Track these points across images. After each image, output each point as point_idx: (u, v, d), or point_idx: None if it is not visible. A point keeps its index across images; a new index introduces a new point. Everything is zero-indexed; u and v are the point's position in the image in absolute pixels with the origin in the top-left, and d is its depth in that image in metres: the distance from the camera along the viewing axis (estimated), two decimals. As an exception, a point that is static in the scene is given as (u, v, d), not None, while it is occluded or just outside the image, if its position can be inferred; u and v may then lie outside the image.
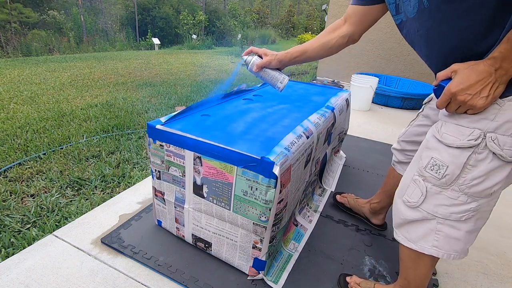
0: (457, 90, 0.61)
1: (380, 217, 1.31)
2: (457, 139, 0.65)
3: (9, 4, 12.82)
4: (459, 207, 0.68)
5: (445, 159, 0.67)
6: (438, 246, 0.73)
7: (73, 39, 12.05)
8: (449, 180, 0.68)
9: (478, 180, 0.65)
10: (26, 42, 10.45)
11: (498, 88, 0.59)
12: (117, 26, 15.75)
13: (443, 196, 0.69)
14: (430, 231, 0.73)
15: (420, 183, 0.72)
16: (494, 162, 0.63)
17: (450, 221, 0.70)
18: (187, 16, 12.91)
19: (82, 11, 13.62)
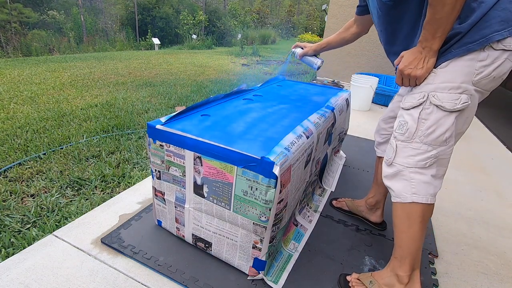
0: (403, 67, 0.87)
1: (378, 213, 1.33)
2: (411, 102, 0.88)
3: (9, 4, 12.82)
4: (422, 155, 0.87)
5: (406, 118, 0.89)
6: (416, 193, 0.88)
7: (73, 39, 12.04)
8: (410, 134, 0.88)
9: (432, 129, 0.85)
10: (26, 42, 10.44)
11: (429, 61, 0.84)
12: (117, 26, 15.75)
13: (409, 148, 0.88)
14: (406, 182, 0.89)
15: (392, 143, 0.93)
16: (439, 113, 0.84)
17: (418, 168, 0.88)
18: (187, 16, 12.91)
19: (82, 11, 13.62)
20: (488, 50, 0.78)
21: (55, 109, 2.86)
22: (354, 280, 1.01)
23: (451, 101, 0.82)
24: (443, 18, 0.77)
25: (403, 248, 0.92)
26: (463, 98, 0.82)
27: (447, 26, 0.78)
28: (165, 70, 5.43)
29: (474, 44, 0.78)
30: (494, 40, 0.76)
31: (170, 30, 15.87)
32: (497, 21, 0.76)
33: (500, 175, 2.03)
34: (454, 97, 0.82)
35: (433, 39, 0.80)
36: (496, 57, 0.78)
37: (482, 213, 1.56)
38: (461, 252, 1.26)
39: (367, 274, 1.02)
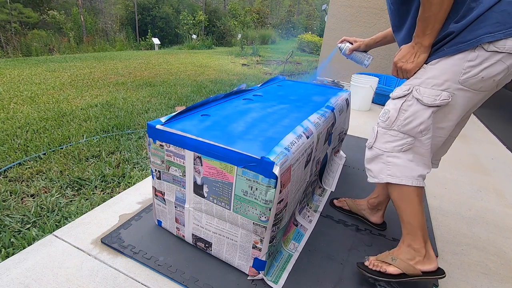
0: (396, 60, 0.95)
1: (379, 214, 1.33)
2: (398, 93, 0.95)
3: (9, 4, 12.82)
4: (399, 142, 0.95)
5: (390, 107, 0.96)
6: (391, 174, 0.96)
7: (73, 39, 12.04)
8: (390, 122, 0.95)
9: (408, 120, 0.91)
10: (26, 42, 10.44)
11: (420, 57, 0.90)
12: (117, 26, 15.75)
13: (388, 135, 0.97)
14: (383, 164, 0.98)
15: (374, 129, 1.01)
16: (418, 106, 0.90)
17: (394, 153, 0.96)
18: (187, 16, 12.90)
19: (82, 11, 13.62)
20: (478, 51, 0.80)
21: (55, 109, 2.86)
22: (374, 262, 1.04)
23: (431, 96, 0.88)
24: (431, 16, 0.82)
25: (412, 223, 0.98)
26: (443, 95, 0.86)
27: (436, 25, 0.84)
28: (165, 70, 5.43)
29: (465, 44, 0.81)
30: (485, 42, 0.78)
31: (170, 30, 15.87)
32: (492, 23, 0.77)
33: (500, 175, 2.03)
34: (435, 93, 0.87)
35: (424, 35, 0.86)
36: (485, 58, 0.80)
37: (482, 213, 1.56)
38: (461, 252, 1.26)
39: (385, 253, 1.05)
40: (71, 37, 12.22)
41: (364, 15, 4.42)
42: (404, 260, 0.99)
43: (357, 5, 4.40)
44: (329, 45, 4.85)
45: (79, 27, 13.26)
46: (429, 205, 1.59)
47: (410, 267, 0.97)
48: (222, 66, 6.33)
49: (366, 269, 1.04)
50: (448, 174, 1.97)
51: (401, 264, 0.98)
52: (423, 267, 0.97)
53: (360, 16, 4.45)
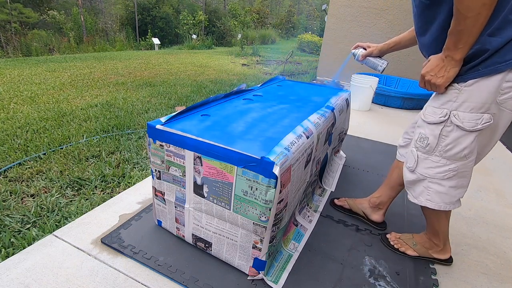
0: (424, 72, 0.90)
1: (380, 212, 1.34)
2: (433, 117, 0.92)
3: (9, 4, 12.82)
4: (441, 168, 0.93)
5: (427, 133, 0.94)
6: (430, 199, 0.99)
7: (73, 39, 12.03)
8: (430, 148, 0.94)
9: (450, 146, 0.90)
10: (26, 42, 10.44)
11: (450, 71, 0.84)
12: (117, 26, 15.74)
13: (429, 161, 0.95)
14: (424, 188, 0.99)
15: (414, 152, 0.99)
16: (459, 132, 0.87)
17: (436, 179, 0.95)
18: (187, 16, 12.89)
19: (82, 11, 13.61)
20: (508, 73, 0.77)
21: (55, 109, 2.86)
22: (396, 240, 1.20)
23: (472, 121, 0.85)
24: (465, 30, 0.76)
25: (437, 230, 1.10)
26: (485, 118, 0.83)
27: (469, 38, 0.78)
28: (165, 70, 5.43)
29: (504, 64, 0.77)
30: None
31: (170, 30, 15.86)
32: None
33: (500, 175, 2.03)
34: (476, 117, 0.84)
35: (455, 49, 0.80)
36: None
37: (482, 213, 1.56)
38: (461, 252, 1.26)
39: (408, 236, 1.20)
40: (71, 37, 12.21)
41: (364, 15, 4.42)
42: (424, 247, 1.16)
43: (357, 5, 4.41)
44: (329, 45, 4.85)
45: (79, 27, 13.25)
46: (429, 205, 1.59)
47: (426, 253, 1.16)
48: (222, 66, 6.33)
49: (387, 242, 1.22)
50: (448, 174, 1.97)
51: (421, 250, 1.16)
52: (437, 255, 1.14)
53: (360, 16, 4.45)
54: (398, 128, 2.79)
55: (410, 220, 1.43)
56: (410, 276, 1.09)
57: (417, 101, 3.48)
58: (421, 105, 3.52)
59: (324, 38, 4.89)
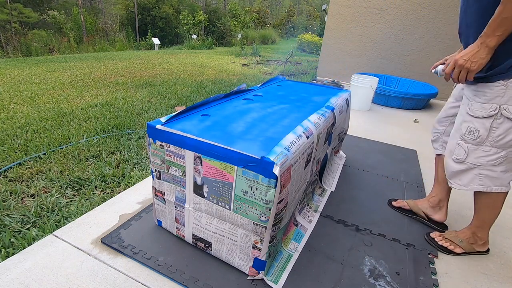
0: (458, 57, 0.95)
1: (442, 211, 1.38)
2: (482, 112, 1.00)
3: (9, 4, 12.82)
4: (493, 156, 1.02)
5: (477, 126, 1.02)
6: (483, 184, 1.07)
7: (73, 39, 12.03)
8: (481, 140, 1.02)
9: (502, 136, 0.99)
10: (26, 42, 10.44)
11: (484, 58, 0.91)
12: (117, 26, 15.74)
13: (480, 151, 1.04)
14: (475, 176, 1.07)
15: (462, 145, 1.07)
16: (509, 123, 0.97)
17: (488, 166, 1.04)
18: (187, 16, 12.89)
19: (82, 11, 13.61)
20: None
21: (55, 109, 2.86)
22: (443, 239, 1.24)
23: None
24: (509, 18, 0.82)
25: (485, 220, 1.15)
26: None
27: (510, 28, 0.85)
28: (165, 70, 5.43)
29: None
30: None
31: (170, 30, 15.86)
32: None
33: (500, 175, 2.03)
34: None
35: (493, 36, 0.87)
36: None
37: (482, 213, 1.56)
38: (461, 252, 1.26)
39: (452, 233, 1.25)
40: (71, 37, 12.21)
41: (364, 15, 4.42)
42: (469, 243, 1.20)
43: (357, 5, 4.41)
44: (329, 45, 4.85)
45: (79, 27, 13.25)
46: (429, 205, 1.58)
47: (471, 249, 1.22)
48: (222, 66, 6.33)
49: (433, 242, 1.25)
50: (448, 174, 1.97)
51: (467, 246, 1.21)
52: (479, 248, 1.22)
53: (360, 16, 4.45)
54: (398, 128, 2.78)
55: (410, 220, 1.43)
56: (410, 276, 1.09)
57: (417, 101, 3.48)
58: (421, 105, 3.54)
59: (324, 38, 4.89)
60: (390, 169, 1.95)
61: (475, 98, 1.02)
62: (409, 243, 1.27)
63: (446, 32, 3.97)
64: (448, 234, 1.25)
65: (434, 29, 4.02)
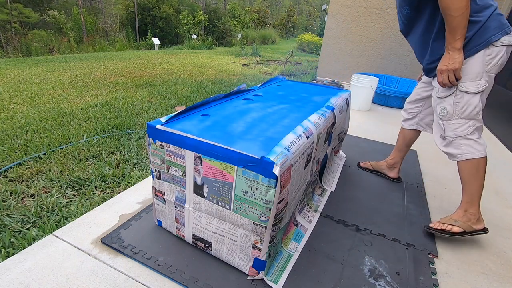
0: (441, 66, 1.20)
1: (395, 170, 1.78)
2: (445, 93, 1.25)
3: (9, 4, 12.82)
4: (463, 126, 1.24)
5: (445, 104, 1.26)
6: (467, 152, 1.25)
7: (73, 39, 12.04)
8: (450, 115, 1.25)
9: (464, 108, 1.22)
10: (26, 42, 10.44)
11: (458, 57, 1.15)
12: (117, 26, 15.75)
13: (452, 124, 1.26)
14: (457, 146, 1.27)
15: (440, 123, 1.31)
16: (467, 96, 1.20)
17: (464, 136, 1.25)
18: (187, 16, 12.89)
19: (82, 11, 13.61)
20: (492, 48, 1.14)
21: (55, 109, 2.86)
22: (441, 224, 1.31)
23: (474, 86, 1.18)
24: (457, 26, 1.10)
25: (473, 193, 1.27)
26: (482, 83, 1.18)
27: (463, 30, 1.11)
28: (165, 70, 5.43)
29: (480, 45, 1.14)
30: (493, 40, 1.13)
31: (170, 30, 15.86)
32: (491, 28, 1.13)
33: (499, 175, 2.03)
34: (476, 84, 1.18)
35: (455, 41, 1.13)
36: (498, 51, 1.14)
37: (482, 213, 1.56)
38: (461, 252, 1.26)
39: (446, 218, 1.33)
40: (71, 37, 12.21)
41: (364, 15, 4.42)
42: (464, 222, 1.28)
43: (357, 5, 4.41)
44: (329, 45, 4.85)
45: (79, 27, 13.25)
46: (429, 205, 1.59)
47: (469, 227, 1.27)
48: (222, 66, 6.33)
49: (433, 229, 1.32)
50: (448, 174, 1.97)
51: (463, 225, 1.27)
52: (476, 226, 1.28)
53: (360, 16, 4.45)
54: (398, 128, 2.78)
55: (410, 220, 1.43)
56: (410, 276, 1.10)
57: (417, 101, 3.47)
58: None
59: (324, 38, 4.89)
60: (390, 169, 1.95)
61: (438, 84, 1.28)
62: (409, 243, 1.27)
63: (446, 32, 3.96)
64: (443, 219, 1.34)
65: (434, 29, 4.01)
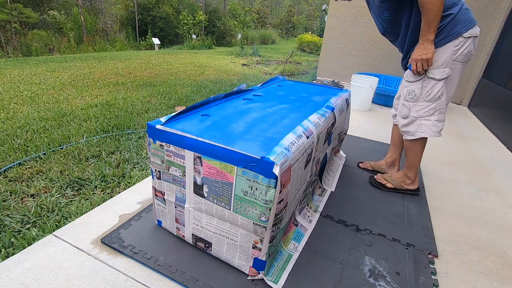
0: (415, 56, 1.35)
1: (395, 168, 1.82)
2: (414, 77, 1.43)
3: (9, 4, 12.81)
4: (426, 108, 1.43)
5: (413, 88, 1.44)
6: (424, 131, 1.47)
7: (73, 39, 12.03)
8: (417, 97, 1.44)
9: (429, 92, 1.40)
10: (26, 42, 10.44)
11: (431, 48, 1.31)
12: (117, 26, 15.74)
13: (417, 106, 1.45)
14: (417, 126, 1.48)
15: (406, 104, 1.49)
16: (432, 81, 1.38)
17: (425, 117, 1.45)
18: (187, 16, 12.89)
19: (82, 11, 13.61)
20: (460, 39, 1.30)
21: (55, 109, 2.86)
22: (380, 178, 1.69)
23: (439, 73, 1.36)
24: (433, 20, 1.25)
25: (413, 162, 1.57)
26: (446, 71, 1.35)
27: (437, 24, 1.27)
28: (165, 70, 5.43)
29: (450, 37, 1.31)
30: (463, 32, 1.29)
31: (170, 30, 15.85)
32: (461, 21, 1.29)
33: (500, 175, 2.03)
34: (441, 71, 1.36)
35: (429, 33, 1.29)
36: (465, 42, 1.31)
37: (482, 213, 1.56)
38: (461, 252, 1.26)
39: (389, 175, 1.69)
40: (71, 37, 12.20)
41: (364, 15, 4.42)
42: (399, 181, 1.63)
43: (357, 5, 4.40)
44: (329, 45, 4.85)
45: (79, 27, 13.24)
46: (429, 205, 1.59)
47: (400, 186, 1.63)
48: (222, 66, 6.33)
49: (374, 181, 1.70)
50: (448, 174, 1.97)
51: (396, 183, 1.64)
52: (408, 186, 1.63)
53: (360, 16, 4.45)
54: (398, 128, 2.78)
55: (410, 220, 1.43)
56: (410, 276, 1.10)
57: (417, 101, 3.47)
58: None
59: (324, 38, 4.89)
60: (390, 169, 1.95)
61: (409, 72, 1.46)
62: (409, 243, 1.27)
63: (446, 32, 3.96)
64: (386, 175, 1.69)
65: (434, 29, 4.01)
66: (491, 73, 3.58)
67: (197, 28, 13.43)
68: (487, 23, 3.71)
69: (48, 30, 12.73)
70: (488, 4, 3.66)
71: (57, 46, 10.68)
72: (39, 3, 14.67)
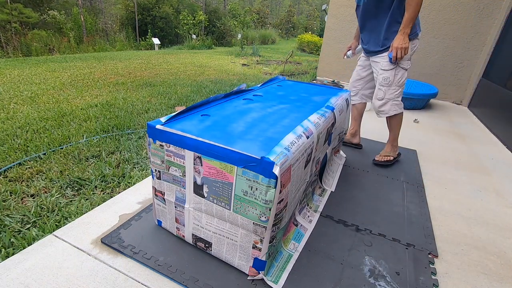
0: (397, 45, 1.63)
1: (357, 137, 2.22)
2: (389, 66, 1.75)
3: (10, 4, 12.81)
4: (396, 92, 1.80)
5: (388, 75, 1.77)
6: (395, 110, 1.84)
7: (73, 39, 12.02)
8: (391, 82, 1.78)
9: (399, 78, 1.77)
10: (26, 42, 10.43)
11: (408, 39, 1.63)
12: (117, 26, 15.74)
13: (391, 89, 1.80)
14: (390, 106, 1.83)
15: (381, 88, 1.82)
16: (402, 70, 1.75)
17: (396, 98, 1.82)
18: (187, 16, 12.88)
19: (82, 11, 13.61)
20: (415, 39, 1.70)
21: (55, 109, 2.86)
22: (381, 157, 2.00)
23: (406, 64, 1.74)
24: (414, 16, 1.56)
25: (395, 134, 1.97)
26: (409, 63, 1.74)
27: (415, 20, 1.58)
28: (165, 70, 5.43)
29: (413, 35, 1.67)
30: (418, 33, 1.70)
31: (170, 30, 15.85)
32: (418, 24, 1.69)
33: (500, 175, 2.03)
34: (407, 63, 1.74)
35: (408, 27, 1.59)
36: (417, 42, 1.73)
37: (482, 213, 1.56)
38: (461, 252, 1.26)
39: (383, 151, 2.03)
40: (71, 37, 12.19)
41: (364, 15, 4.41)
42: (392, 151, 2.01)
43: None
44: (329, 45, 4.85)
45: (79, 27, 13.23)
46: (429, 205, 1.59)
47: (395, 154, 2.01)
48: (222, 66, 6.33)
49: (380, 161, 1.98)
50: (448, 174, 1.97)
51: (392, 153, 2.01)
52: (395, 153, 2.02)
53: (360, 16, 4.44)
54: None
55: (410, 220, 1.43)
56: (410, 276, 1.10)
57: (416, 101, 3.47)
58: (421, 105, 3.54)
59: (324, 38, 4.89)
60: (390, 169, 1.95)
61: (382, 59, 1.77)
62: (409, 243, 1.27)
63: (446, 32, 3.97)
64: (383, 152, 2.02)
65: (434, 29, 4.02)
66: (491, 73, 3.58)
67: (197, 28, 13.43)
68: (487, 23, 3.71)
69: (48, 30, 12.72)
70: (488, 4, 3.66)
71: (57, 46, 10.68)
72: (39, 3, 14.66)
